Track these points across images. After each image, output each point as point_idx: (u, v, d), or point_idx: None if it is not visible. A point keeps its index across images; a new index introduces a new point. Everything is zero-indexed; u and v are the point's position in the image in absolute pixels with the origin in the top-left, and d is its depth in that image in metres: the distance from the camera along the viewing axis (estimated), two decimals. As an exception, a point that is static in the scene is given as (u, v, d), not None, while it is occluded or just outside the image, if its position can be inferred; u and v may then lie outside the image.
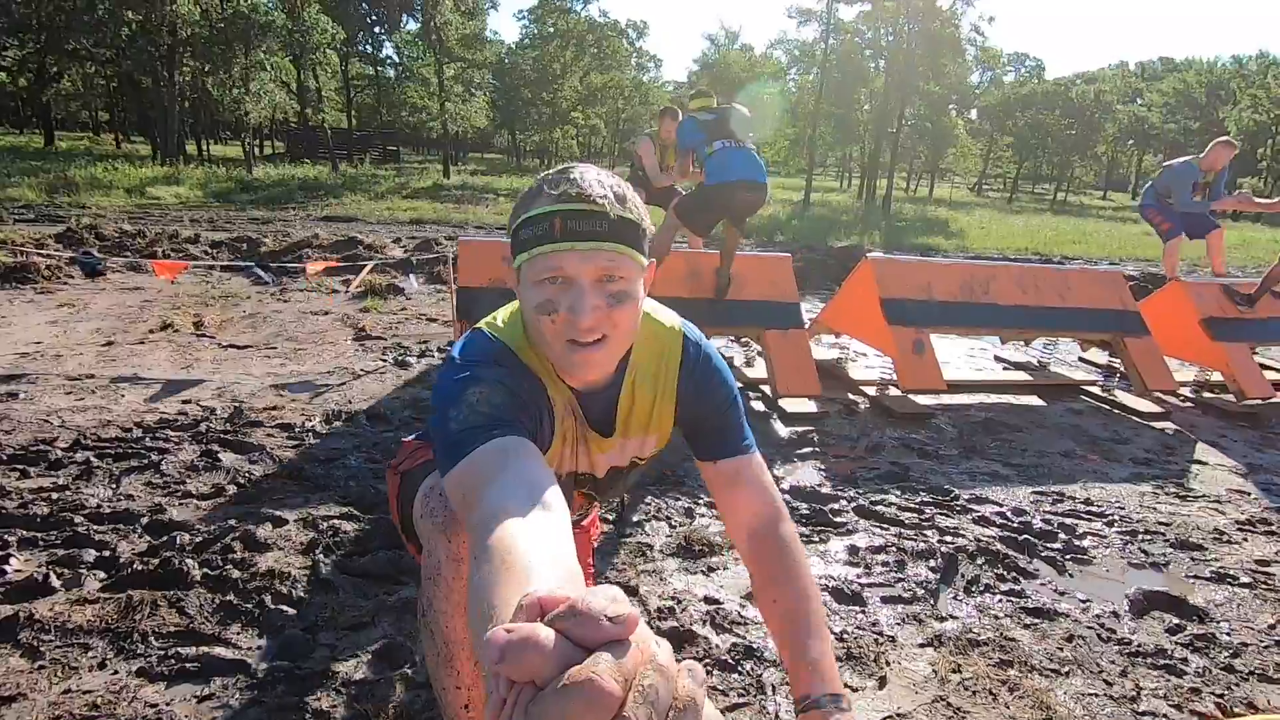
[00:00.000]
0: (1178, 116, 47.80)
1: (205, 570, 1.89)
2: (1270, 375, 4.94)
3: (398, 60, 30.07)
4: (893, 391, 3.77)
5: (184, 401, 3.09)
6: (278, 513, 2.22)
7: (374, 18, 28.86)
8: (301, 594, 1.85)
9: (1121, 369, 4.25)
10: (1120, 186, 66.38)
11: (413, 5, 25.84)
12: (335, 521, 2.19)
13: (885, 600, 2.04)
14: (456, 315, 3.29)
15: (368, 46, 31.22)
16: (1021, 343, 5.13)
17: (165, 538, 2.03)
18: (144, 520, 2.13)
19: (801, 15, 25.02)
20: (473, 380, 0.94)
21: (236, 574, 1.88)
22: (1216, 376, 4.39)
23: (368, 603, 1.84)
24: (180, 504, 2.26)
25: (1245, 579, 2.29)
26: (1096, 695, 1.71)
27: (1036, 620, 1.99)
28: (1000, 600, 2.08)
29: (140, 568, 1.88)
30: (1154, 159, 59.57)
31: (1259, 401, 4.30)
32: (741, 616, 1.90)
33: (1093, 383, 4.34)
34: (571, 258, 0.90)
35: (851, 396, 3.89)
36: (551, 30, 25.59)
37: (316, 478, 2.49)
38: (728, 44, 31.71)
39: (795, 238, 12.48)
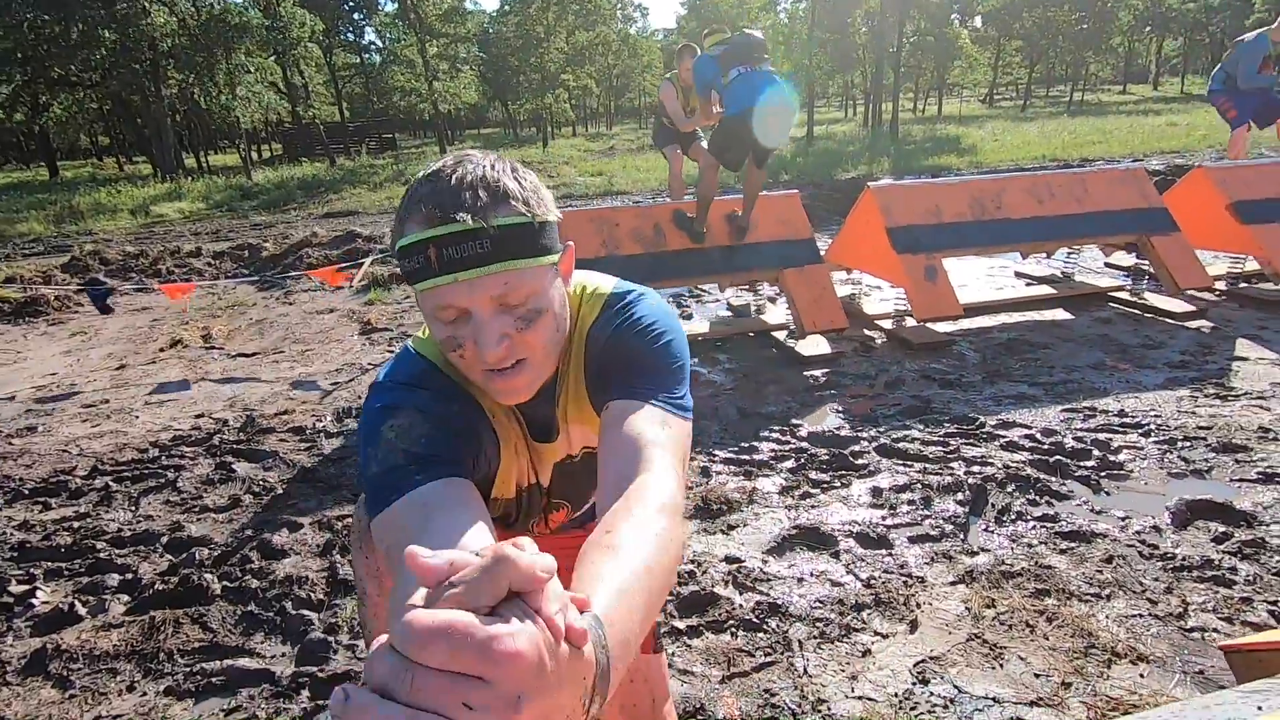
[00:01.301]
0: (1197, -6, 45.10)
1: (225, 583, 1.90)
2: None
3: (381, 44, 29.59)
4: (909, 323, 3.64)
5: (197, 416, 3.10)
6: (293, 518, 2.22)
7: (351, 3, 28.34)
8: (320, 596, 1.85)
9: (1150, 270, 4.05)
10: (1140, 78, 63.27)
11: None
12: (350, 521, 2.18)
13: (913, 540, 1.98)
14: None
15: (349, 34, 30.76)
16: (1043, 255, 4.93)
17: (185, 555, 2.05)
18: (164, 540, 2.15)
19: (785, -61, 23.89)
20: (389, 411, 0.84)
21: (255, 584, 1.89)
22: (1251, 265, 4.17)
23: (386, 600, 1.83)
24: (198, 519, 2.27)
25: (1295, 477, 2.18)
26: (1141, 616, 1.64)
27: (1073, 544, 1.92)
28: (1033, 527, 2.01)
29: (162, 588, 1.89)
30: (1174, 44, 56.52)
31: (1286, 286, 4.09)
32: (764, 573, 1.86)
33: (1120, 288, 4.16)
34: (458, 291, 0.77)
35: (867, 332, 3.77)
36: (530, -8, 24.92)
37: (329, 478, 2.49)
38: (712, -18, 30.59)
39: (800, 175, 12.13)
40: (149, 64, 14.65)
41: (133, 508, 2.37)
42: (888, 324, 3.76)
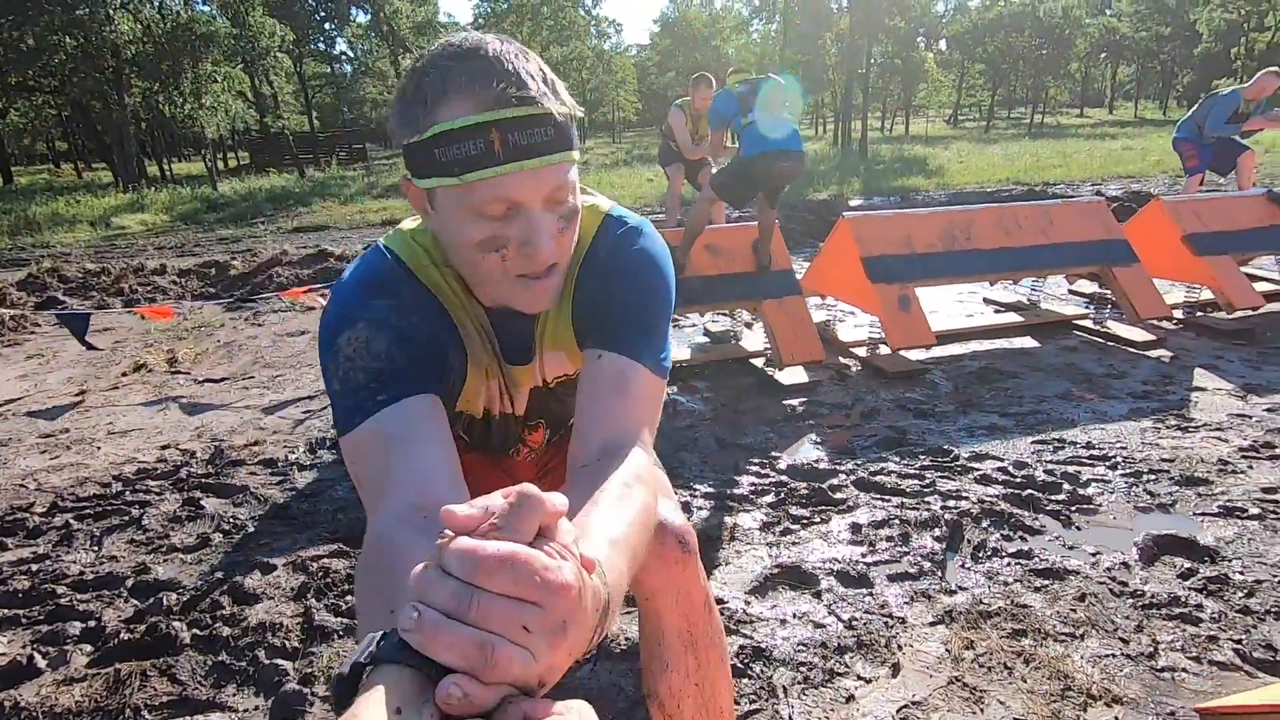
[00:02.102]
0: (1148, 24, 47.03)
1: (195, 631, 1.84)
2: (1260, 286, 4.89)
3: (352, 55, 29.38)
4: (883, 350, 3.70)
5: (162, 447, 3.01)
6: (266, 558, 2.16)
7: (322, 14, 28.10)
8: (295, 644, 1.81)
9: (1112, 298, 4.18)
10: (1096, 102, 65.62)
11: (360, -3, 25.12)
12: (325, 561, 2.13)
13: (892, 578, 2.00)
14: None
15: (320, 44, 30.46)
16: (1010, 281, 5.06)
17: (152, 600, 1.98)
18: (129, 583, 2.08)
19: (757, -38, 24.42)
20: (344, 321, 0.80)
21: (227, 631, 1.83)
22: (1206, 295, 4.33)
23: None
24: (165, 560, 2.20)
25: (1254, 510, 2.26)
26: (1114, 656, 1.68)
27: (1047, 581, 1.96)
28: (1009, 564, 2.05)
29: (128, 637, 1.83)
30: (1128, 70, 58.81)
31: (1250, 312, 4.26)
32: (747, 614, 1.86)
33: (1084, 316, 4.28)
34: (520, 182, 0.72)
35: (843, 360, 3.83)
36: (505, 7, 24.91)
37: (303, 515, 2.43)
38: (686, 1, 30.97)
39: (774, 194, 12.31)
40: (111, 71, 14.31)
41: (95, 548, 2.29)
42: (862, 351, 3.82)
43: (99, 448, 3.04)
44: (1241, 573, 1.96)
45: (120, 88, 14.39)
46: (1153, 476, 2.50)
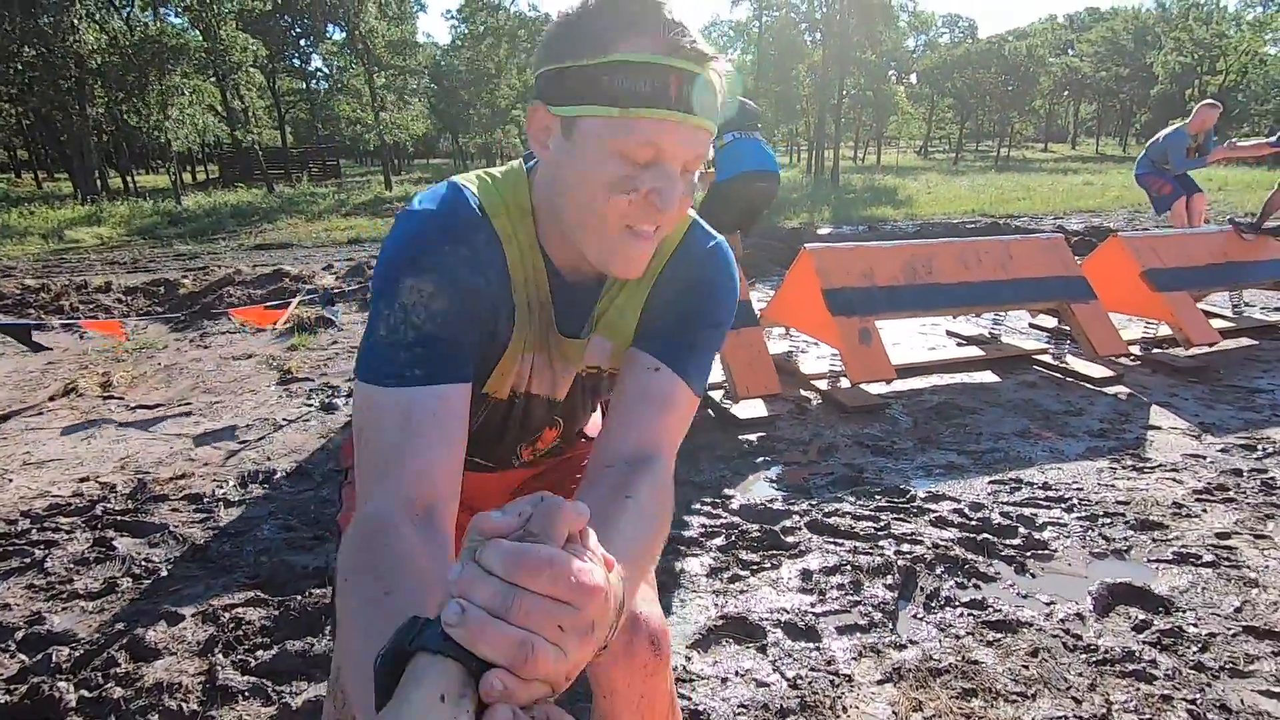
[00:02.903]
0: (1108, 64, 48.97)
1: (82, 693, 1.68)
2: (1220, 323, 4.97)
3: (327, 72, 29.18)
4: (844, 383, 3.66)
5: (81, 480, 2.83)
6: (174, 607, 2.00)
7: (298, 30, 27.94)
8: (195, 707, 1.65)
9: (1071, 333, 4.21)
10: (1060, 137, 67.92)
11: (337, 15, 25.04)
12: (239, 610, 1.98)
13: (841, 630, 1.91)
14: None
15: (296, 60, 30.24)
16: (973, 314, 5.07)
17: (40, 656, 1.81)
18: (18, 635, 1.90)
19: (732, -6, 24.91)
20: (417, 267, 0.75)
21: (119, 693, 1.67)
22: (1164, 330, 4.37)
23: (270, 708, 1.65)
24: (64, 609, 2.03)
25: (1208, 558, 2.22)
26: (1066, 718, 1.60)
27: (999, 635, 1.88)
28: (961, 615, 1.97)
29: (5, 699, 1.66)
30: (1089, 108, 61.03)
31: (1206, 349, 4.31)
32: (689, 672, 1.75)
33: (1044, 350, 4.29)
34: (679, 134, 0.71)
35: (803, 393, 3.77)
36: (482, 29, 24.97)
37: (223, 557, 2.27)
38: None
39: (746, 221, 12.39)
40: (74, 81, 13.99)
41: (-12, 594, 2.10)
42: (823, 384, 3.76)
43: (10, 479, 2.84)
44: (1195, 625, 1.91)
45: (82, 98, 14.06)
46: (1108, 520, 2.46)
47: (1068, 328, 4.30)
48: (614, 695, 0.90)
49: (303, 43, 28.63)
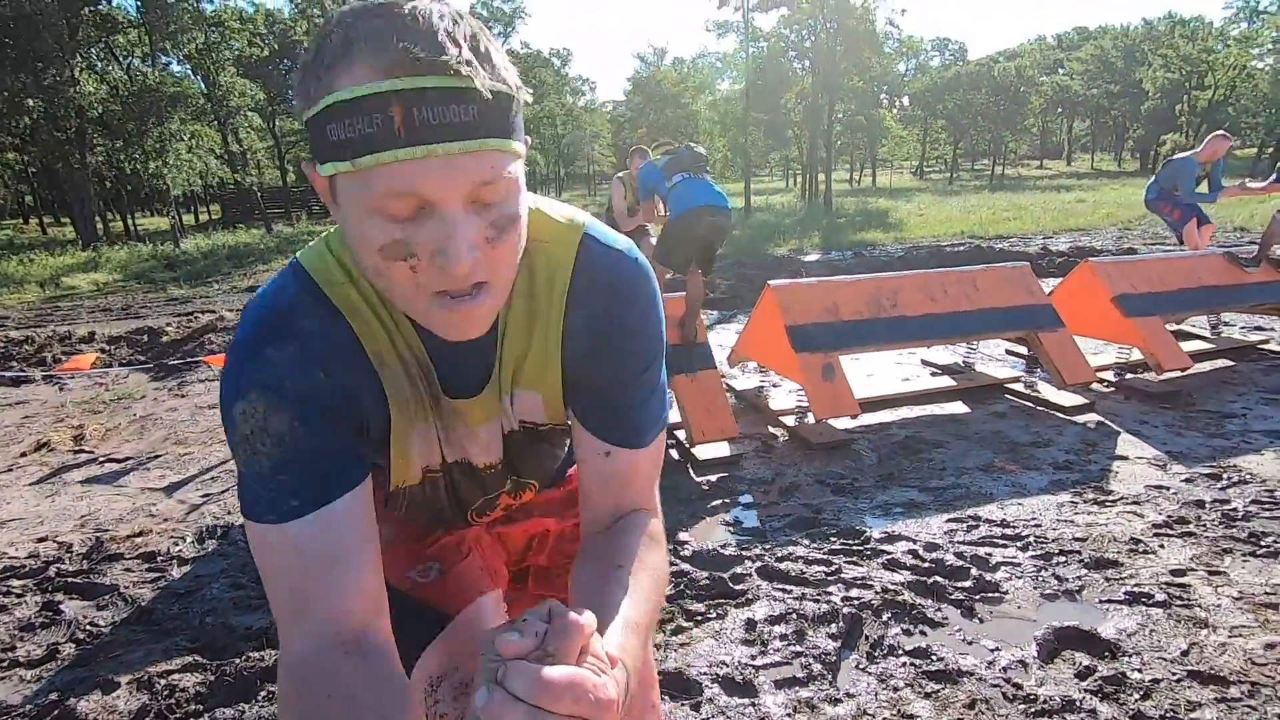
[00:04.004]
0: (1099, 82, 49.50)
1: (5, 769, 1.67)
2: (1197, 345, 4.96)
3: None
4: (811, 419, 3.65)
5: (39, 540, 2.83)
6: (111, 674, 1.99)
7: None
8: (116, 782, 1.64)
9: (1044, 360, 4.20)
10: (1055, 154, 68.45)
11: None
12: (175, 676, 1.97)
13: (779, 684, 1.88)
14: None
15: (295, 101, 30.76)
16: (940, 345, 5.08)
17: (-31, 730, 1.80)
18: (-48, 708, 1.90)
19: (719, 27, 25.41)
20: (239, 389, 0.66)
21: (42, 769, 1.66)
22: (1137, 355, 4.36)
23: (192, 782, 1.63)
24: (1, 678, 2.02)
25: (1160, 597, 2.19)
26: (996, 775, 1.57)
27: (938, 685, 1.85)
28: (903, 665, 1.94)
29: (-73, 778, 1.65)
30: (1082, 124, 61.59)
31: (1178, 373, 4.29)
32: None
33: (1016, 379, 4.28)
34: (429, 171, 0.55)
35: (771, 429, 3.77)
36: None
37: (168, 619, 2.27)
38: (656, 61, 32.05)
39: (738, 249, 12.45)
40: (74, 131, 14.31)
41: (-71, 664, 2.10)
42: (791, 420, 3.76)
43: (-30, 541, 2.85)
44: (1140, 670, 1.88)
45: (83, 146, 14.38)
46: (1063, 558, 2.43)
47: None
48: None
49: (302, 85, 29.21)
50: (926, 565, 2.42)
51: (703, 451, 3.35)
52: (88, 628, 2.24)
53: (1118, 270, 4.42)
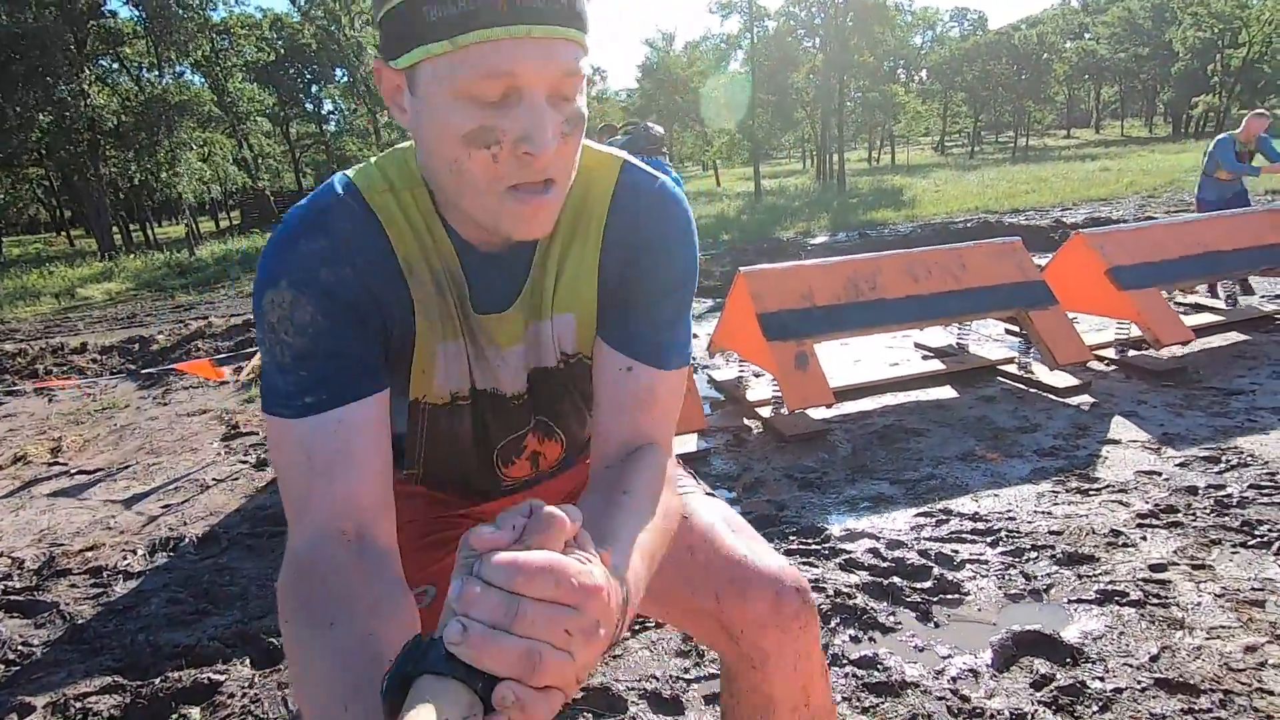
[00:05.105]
0: (1126, 45, 47.77)
1: (-98, 801, 1.63)
2: (1206, 318, 4.70)
3: (337, 114, 29.97)
4: (787, 411, 3.51)
5: (-5, 556, 2.82)
6: (30, 697, 1.95)
7: (308, 76, 28.78)
8: (10, 814, 1.59)
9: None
10: (1083, 122, 66.34)
11: (343, 59, 25.75)
12: (92, 699, 1.92)
13: (709, 700, 1.77)
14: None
15: (308, 105, 31.12)
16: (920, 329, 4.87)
17: (-122, 759, 1.77)
18: None
19: (722, 8, 24.97)
20: (271, 277, 0.68)
21: (-63, 800, 1.62)
22: (1137, 330, 4.13)
23: (85, 814, 1.57)
24: (-76, 703, 1.99)
25: (1135, 595, 2.03)
26: (927, 801, 1.44)
27: (879, 699, 1.72)
28: (845, 676, 1.82)
29: None
30: (1111, 90, 59.59)
31: (1180, 348, 4.06)
32: None
33: (1009, 360, 4.08)
34: (526, 51, 0.57)
35: (746, 421, 3.63)
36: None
37: (98, 638, 2.22)
38: (665, 47, 31.64)
39: (744, 233, 12.23)
40: (87, 144, 14.57)
41: None
42: (766, 411, 3.62)
43: (-73, 559, 2.85)
44: (1102, 679, 1.73)
45: (96, 158, 14.63)
46: (1034, 554, 2.28)
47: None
48: (768, 659, 0.84)
49: (314, 88, 29.52)
50: (886, 565, 2.28)
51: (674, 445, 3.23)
52: (19, 648, 2.20)
53: (1112, 241, 4.18)
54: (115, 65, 16.75)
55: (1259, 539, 2.25)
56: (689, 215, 0.82)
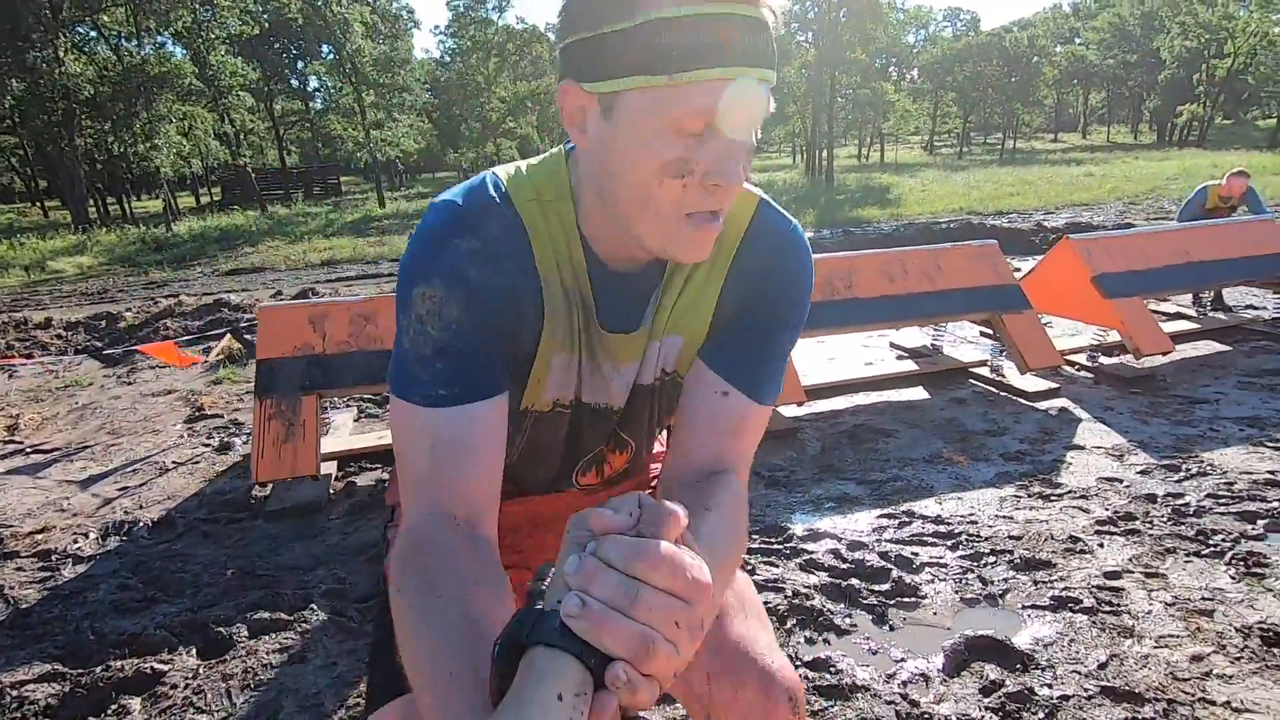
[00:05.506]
0: (1115, 51, 48.14)
1: None
2: (1179, 325, 4.75)
3: (324, 92, 29.46)
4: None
5: (-60, 537, 2.75)
6: (-36, 685, 1.90)
7: (294, 51, 28.23)
8: (-65, 806, 1.54)
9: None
10: (1071, 127, 66.87)
11: (330, 35, 25.29)
12: (30, 687, 1.87)
13: (657, 703, 1.76)
14: (257, 392, 2.97)
15: (294, 81, 30.55)
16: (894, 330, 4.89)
17: None
18: None
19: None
20: (423, 272, 0.70)
21: None
22: (1115, 336, 4.17)
23: (14, 806, 1.53)
24: None
25: (1088, 602, 2.04)
26: (869, 806, 1.44)
27: (828, 703, 1.72)
28: (799, 678, 1.81)
29: None
30: (1098, 96, 60.10)
31: (1160, 358, 4.10)
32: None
33: (982, 363, 4.10)
34: (739, 94, 0.60)
35: (717, 417, 3.62)
36: (470, 44, 25.08)
37: (42, 624, 2.17)
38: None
39: (729, 227, 12.19)
40: (62, 114, 14.19)
41: None
42: (738, 408, 3.61)
43: None
44: (1050, 685, 1.74)
45: (71, 129, 14.26)
46: (993, 559, 2.29)
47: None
48: None
49: (300, 64, 28.97)
50: (846, 566, 2.28)
51: (636, 442, 3.22)
52: (-41, 633, 2.14)
53: (1099, 247, 4.21)
54: (93, 33, 16.33)
55: (1212, 548, 2.27)
56: (810, 260, 0.85)
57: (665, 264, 0.80)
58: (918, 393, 3.85)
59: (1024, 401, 3.64)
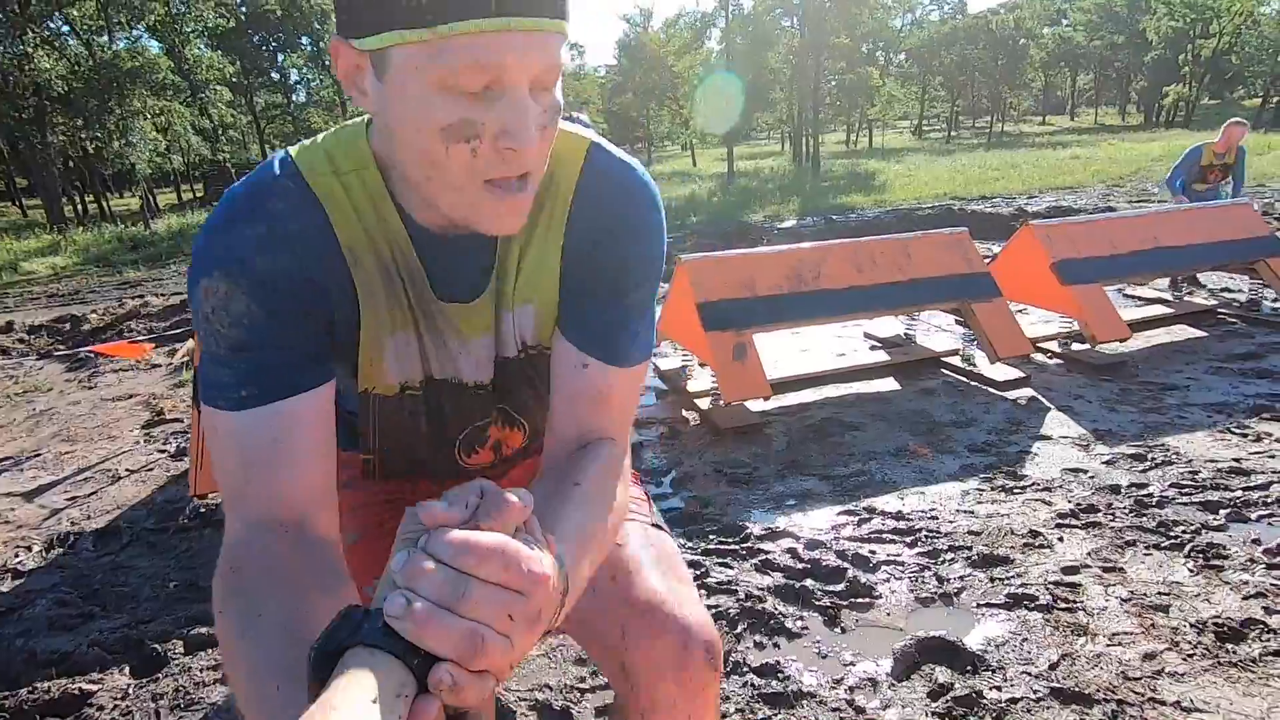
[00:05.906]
0: (1101, 33, 48.06)
1: None
2: (1152, 311, 4.72)
3: (304, 85, 29.07)
4: (724, 402, 3.45)
5: (-122, 553, 2.67)
6: (-116, 711, 1.83)
7: (273, 44, 27.82)
8: None
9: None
10: (1059, 110, 66.85)
11: (311, 26, 24.93)
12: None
13: (600, 711, 1.71)
14: (195, 400, 2.88)
15: (274, 74, 30.13)
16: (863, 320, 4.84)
17: None
18: None
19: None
20: (204, 265, 0.64)
21: None
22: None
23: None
24: None
25: (1043, 599, 2.00)
26: (806, 820, 1.40)
27: (772, 711, 1.68)
28: (744, 685, 1.77)
29: None
30: (1086, 78, 60.07)
31: (1119, 345, 4.06)
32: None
33: (954, 352, 4.06)
34: (510, 45, 0.55)
35: (684, 413, 3.57)
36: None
37: (-28, 643, 2.10)
38: (642, 23, 31.14)
39: (714, 216, 12.13)
40: (33, 110, 13.93)
41: None
42: (705, 403, 3.56)
43: None
44: (999, 687, 1.70)
45: (43, 126, 14.00)
46: (951, 555, 2.25)
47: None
48: (655, 713, 0.79)
49: (279, 56, 28.56)
50: (801, 566, 2.24)
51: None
52: (-114, 654, 2.08)
53: (1060, 233, 4.16)
54: (64, 28, 16.01)
55: (1172, 540, 2.24)
56: (658, 204, 0.79)
57: None
58: (888, 384, 3.81)
59: (994, 391, 3.60)
